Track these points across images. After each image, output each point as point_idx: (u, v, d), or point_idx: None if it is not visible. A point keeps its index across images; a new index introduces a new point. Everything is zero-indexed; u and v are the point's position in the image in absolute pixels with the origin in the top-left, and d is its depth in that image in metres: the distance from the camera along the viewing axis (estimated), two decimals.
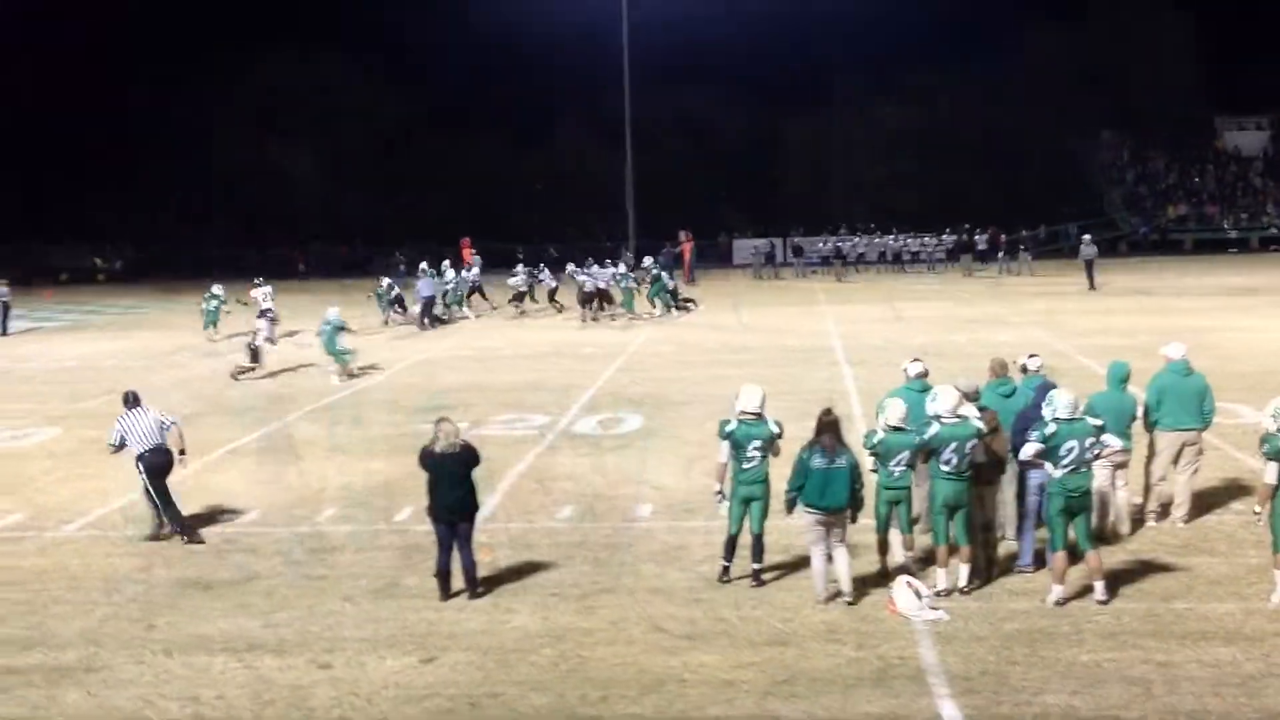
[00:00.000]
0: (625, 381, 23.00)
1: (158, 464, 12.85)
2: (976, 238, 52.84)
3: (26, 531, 13.36)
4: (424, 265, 37.78)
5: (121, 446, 13.03)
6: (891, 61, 66.04)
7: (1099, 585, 10.12)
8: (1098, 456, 10.36)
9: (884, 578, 10.60)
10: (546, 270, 40.23)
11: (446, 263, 39.95)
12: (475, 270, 40.71)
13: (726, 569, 10.90)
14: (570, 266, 38.59)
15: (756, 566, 10.83)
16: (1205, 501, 12.84)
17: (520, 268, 39.60)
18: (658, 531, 12.69)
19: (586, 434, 17.99)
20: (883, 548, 10.84)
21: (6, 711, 8.61)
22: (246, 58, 67.28)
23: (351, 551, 12.27)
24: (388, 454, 16.79)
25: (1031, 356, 12.51)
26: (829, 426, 10.34)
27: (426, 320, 34.33)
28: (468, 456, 10.83)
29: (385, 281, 37.43)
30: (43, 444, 18.39)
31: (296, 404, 21.33)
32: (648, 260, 41.77)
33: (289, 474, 15.77)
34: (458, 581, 10.70)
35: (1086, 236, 44.10)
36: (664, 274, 37.56)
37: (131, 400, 13.39)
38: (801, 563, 11.26)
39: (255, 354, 25.09)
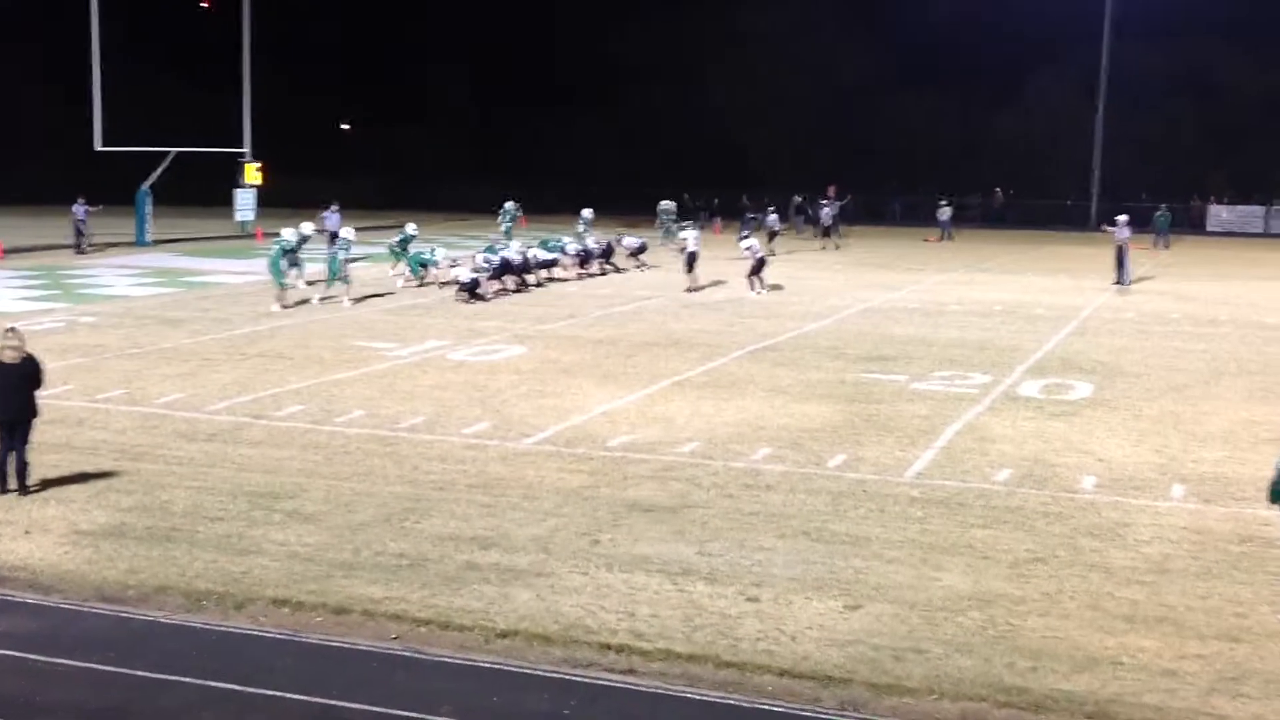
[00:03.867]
0: (1077, 347, 22.01)
1: None
2: None
3: (491, 440, 14.44)
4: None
5: None
6: None
7: None
8: None
9: None
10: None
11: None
12: (829, 209, 45.52)
13: None
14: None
15: None
16: None
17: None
18: (1101, 506, 12.09)
19: (1030, 397, 17.37)
20: None
21: (465, 603, 9.38)
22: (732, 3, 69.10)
23: (784, 491, 12.46)
24: (826, 399, 16.91)
25: None
26: None
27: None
28: None
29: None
30: (510, 360, 19.79)
31: (740, 343, 21.84)
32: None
33: (729, 410, 16.19)
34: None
35: None
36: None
37: None
38: (1263, 557, 10.44)
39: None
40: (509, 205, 41.67)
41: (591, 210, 40.00)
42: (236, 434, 14.57)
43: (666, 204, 45.45)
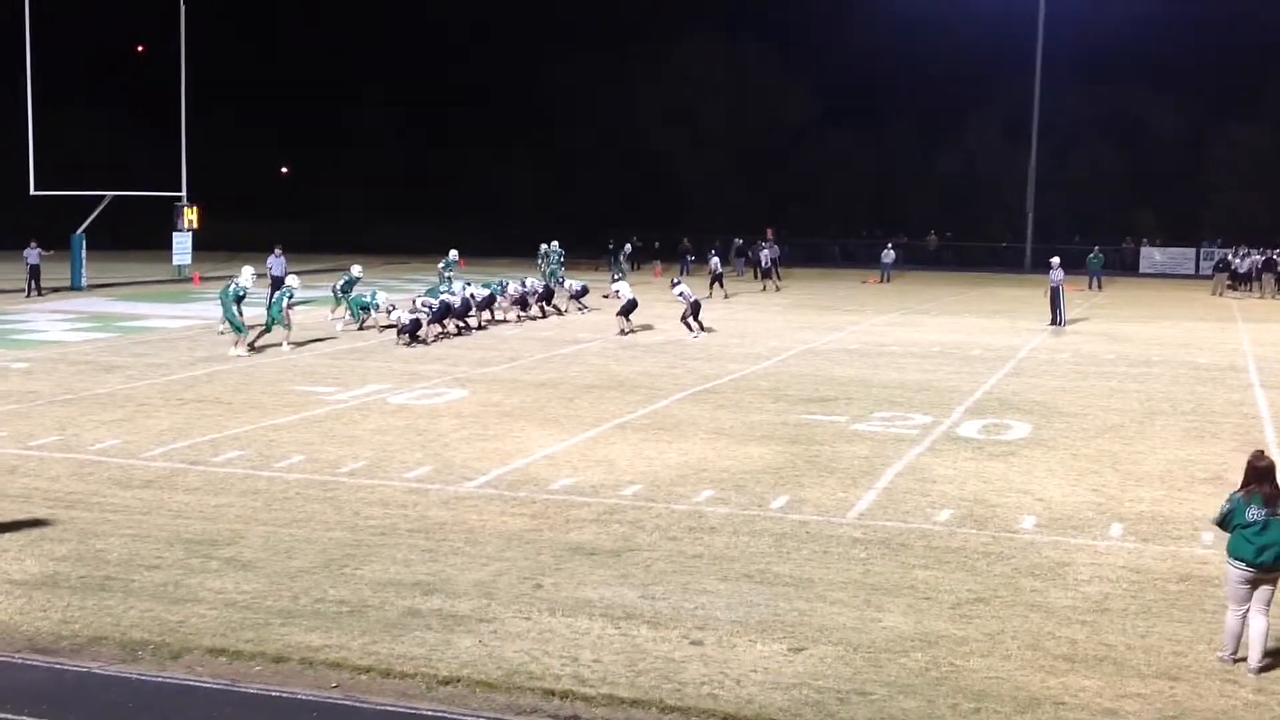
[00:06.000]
0: (1015, 387, 22.26)
1: None
2: None
3: (432, 484, 14.34)
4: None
5: None
6: None
7: None
8: None
9: None
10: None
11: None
12: (768, 251, 47.53)
13: None
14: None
15: None
16: None
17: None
18: (1041, 545, 12.20)
19: (970, 438, 17.52)
20: None
21: (406, 650, 9.26)
22: (666, 46, 69.78)
23: (727, 534, 12.45)
24: (767, 440, 16.96)
25: None
26: (1266, 473, 9.11)
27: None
28: None
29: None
30: (451, 403, 19.69)
31: (682, 385, 21.88)
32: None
33: (672, 452, 16.19)
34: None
35: None
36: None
37: None
38: (1200, 595, 10.56)
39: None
40: (553, 245, 43.13)
41: (456, 251, 39.72)
42: (173, 480, 14.37)
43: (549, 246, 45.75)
